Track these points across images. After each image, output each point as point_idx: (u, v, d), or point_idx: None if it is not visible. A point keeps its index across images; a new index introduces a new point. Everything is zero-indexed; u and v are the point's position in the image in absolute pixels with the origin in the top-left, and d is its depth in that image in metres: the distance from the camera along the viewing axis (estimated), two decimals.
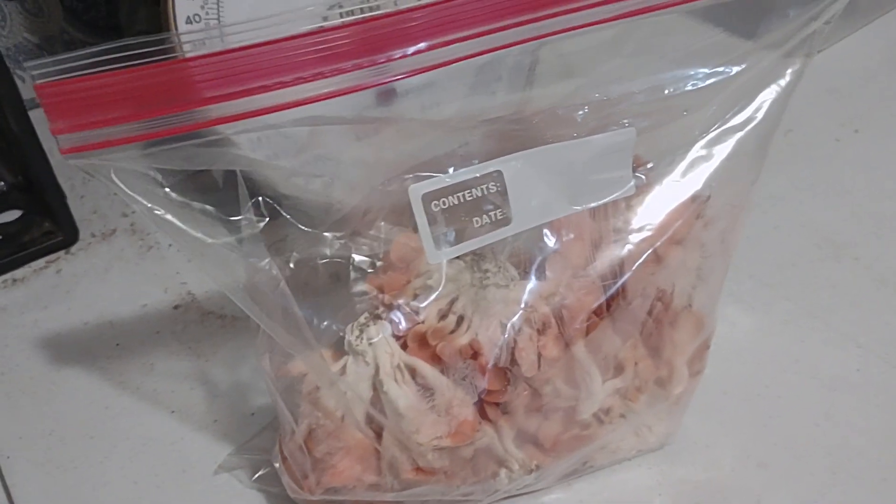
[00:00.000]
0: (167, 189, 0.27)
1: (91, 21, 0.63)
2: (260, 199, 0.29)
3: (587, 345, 0.34)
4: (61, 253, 0.53)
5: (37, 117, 0.51)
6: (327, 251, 0.31)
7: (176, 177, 0.28)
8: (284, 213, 0.30)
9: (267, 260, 0.30)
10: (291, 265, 0.30)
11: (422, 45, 0.28)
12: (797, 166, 0.57)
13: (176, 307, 0.49)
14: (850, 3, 0.68)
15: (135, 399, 0.44)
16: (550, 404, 0.35)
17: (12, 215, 0.54)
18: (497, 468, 0.35)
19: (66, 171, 0.57)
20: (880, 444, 0.40)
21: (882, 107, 0.61)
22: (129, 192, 0.27)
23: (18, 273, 0.52)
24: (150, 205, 0.27)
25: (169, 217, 0.27)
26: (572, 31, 0.30)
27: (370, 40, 0.28)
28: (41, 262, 0.52)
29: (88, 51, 0.25)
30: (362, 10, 0.29)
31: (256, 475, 0.39)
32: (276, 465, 0.36)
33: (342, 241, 0.31)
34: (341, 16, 0.29)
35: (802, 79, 0.34)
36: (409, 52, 0.28)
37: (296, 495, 0.36)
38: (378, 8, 0.29)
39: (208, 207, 0.28)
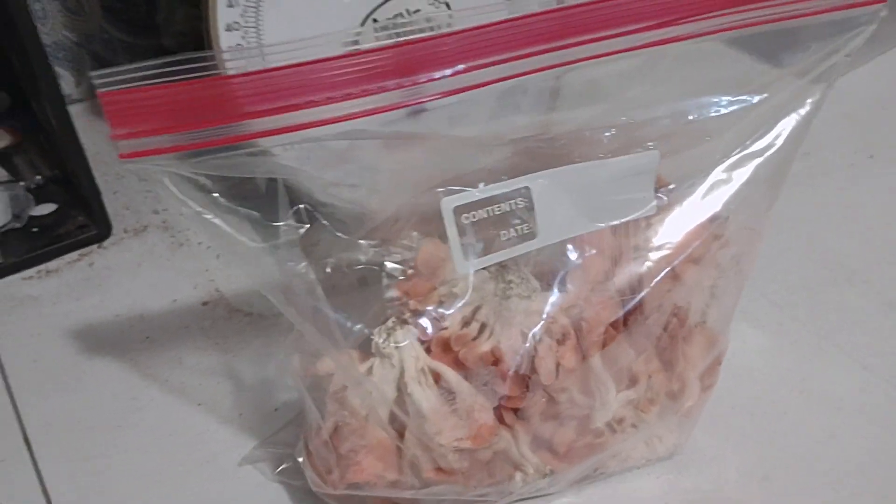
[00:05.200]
0: (216, 194, 0.28)
1: (130, 20, 0.65)
2: (301, 206, 0.30)
3: (603, 356, 0.36)
4: (94, 247, 0.54)
5: (75, 112, 0.53)
6: (362, 258, 0.33)
7: (223, 183, 0.29)
8: (323, 221, 0.31)
9: (304, 264, 0.31)
10: (328, 270, 0.32)
11: (459, 67, 0.30)
12: (812, 189, 0.58)
13: (205, 303, 0.50)
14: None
15: (162, 391, 0.45)
16: (566, 412, 0.36)
17: (48, 208, 0.56)
18: (513, 471, 0.36)
19: (101, 166, 0.59)
20: (881, 462, 0.41)
21: None
22: (181, 196, 0.28)
23: (52, 265, 0.53)
24: (199, 208, 0.29)
25: (217, 221, 0.29)
26: (595, 59, 0.32)
27: (408, 62, 0.30)
28: (74, 254, 0.54)
29: (145, 63, 0.27)
30: (395, 25, 0.30)
31: (279, 468, 0.40)
32: (300, 459, 0.38)
33: (376, 249, 0.33)
34: (375, 30, 0.31)
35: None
36: (447, 74, 0.30)
37: (318, 489, 0.37)
38: (411, 23, 0.31)
39: (254, 213, 0.29)
